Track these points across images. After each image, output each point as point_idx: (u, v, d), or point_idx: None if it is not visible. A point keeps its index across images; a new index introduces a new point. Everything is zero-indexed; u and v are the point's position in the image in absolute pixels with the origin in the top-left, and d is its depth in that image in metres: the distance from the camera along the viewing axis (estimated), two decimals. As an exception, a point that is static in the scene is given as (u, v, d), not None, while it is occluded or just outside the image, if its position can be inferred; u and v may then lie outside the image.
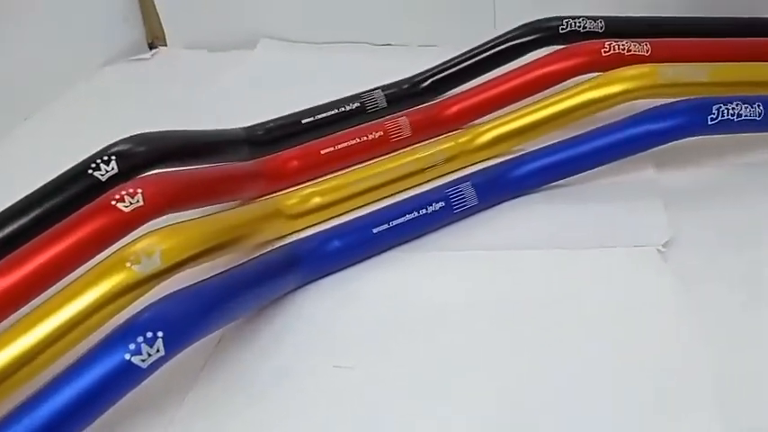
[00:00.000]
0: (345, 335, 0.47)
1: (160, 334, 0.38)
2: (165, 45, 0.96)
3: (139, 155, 0.55)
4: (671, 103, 0.56)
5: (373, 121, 0.69)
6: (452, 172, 0.62)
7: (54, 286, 0.45)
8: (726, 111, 0.54)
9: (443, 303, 0.49)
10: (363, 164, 0.63)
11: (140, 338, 0.37)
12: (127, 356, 0.37)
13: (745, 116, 0.54)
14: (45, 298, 0.43)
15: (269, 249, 0.51)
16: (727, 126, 0.54)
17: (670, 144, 0.56)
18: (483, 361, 0.44)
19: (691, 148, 0.57)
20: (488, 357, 0.44)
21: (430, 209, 0.54)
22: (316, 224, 0.57)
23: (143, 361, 0.37)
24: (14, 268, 0.44)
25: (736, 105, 0.54)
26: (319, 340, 0.47)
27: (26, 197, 0.51)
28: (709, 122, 0.54)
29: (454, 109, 0.69)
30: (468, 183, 0.56)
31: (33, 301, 0.44)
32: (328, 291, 0.51)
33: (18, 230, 0.49)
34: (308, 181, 0.62)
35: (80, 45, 0.90)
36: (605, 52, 0.65)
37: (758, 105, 0.55)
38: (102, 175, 0.52)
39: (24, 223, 0.49)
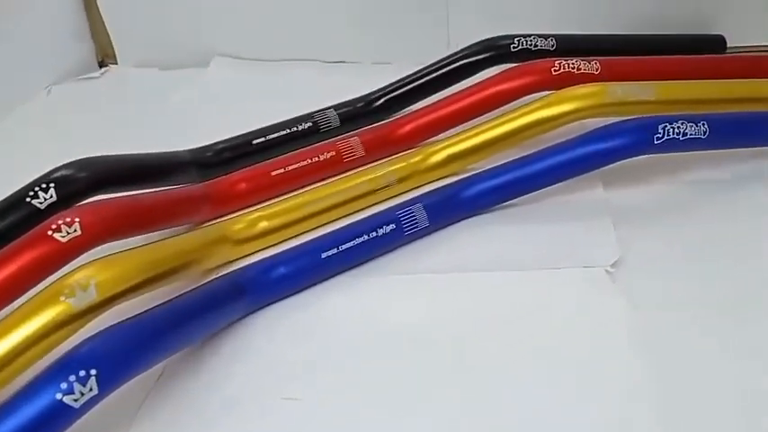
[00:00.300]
0: (293, 365, 0.46)
1: (93, 372, 0.37)
2: (116, 63, 0.94)
3: (79, 181, 0.53)
4: (618, 122, 0.57)
5: (325, 141, 0.68)
6: (405, 192, 0.62)
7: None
8: (671, 130, 0.54)
9: (393, 329, 0.48)
10: (314, 186, 0.62)
11: (72, 377, 0.36)
12: (58, 396, 0.35)
13: (691, 135, 0.55)
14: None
15: (213, 278, 0.50)
16: (672, 145, 0.55)
17: (618, 163, 0.56)
18: (432, 386, 0.44)
19: (639, 166, 0.58)
20: (438, 382, 0.44)
21: (380, 231, 0.54)
22: (263, 249, 0.56)
23: (75, 401, 0.36)
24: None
25: (682, 124, 0.55)
26: (267, 371, 0.46)
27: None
28: (656, 141, 0.55)
29: (407, 128, 0.68)
30: (419, 204, 0.56)
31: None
32: (276, 319, 0.50)
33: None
34: (258, 204, 0.61)
35: (28, 64, 0.88)
36: (555, 71, 0.65)
37: (703, 124, 0.55)
38: (41, 203, 0.51)
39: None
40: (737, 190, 0.59)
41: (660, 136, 0.54)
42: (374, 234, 0.54)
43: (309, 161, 0.65)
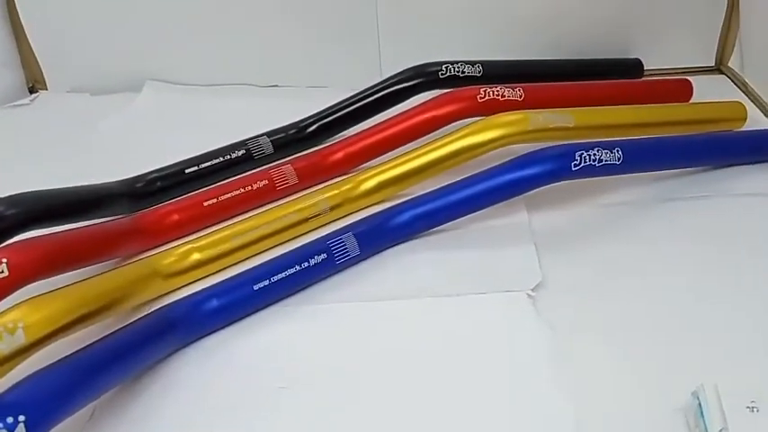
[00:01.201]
0: (224, 401, 0.47)
1: (21, 418, 0.37)
2: (46, 89, 0.93)
3: (8, 218, 0.53)
4: (536, 150, 0.59)
5: (258, 170, 0.69)
6: (337, 220, 0.63)
7: None
8: (587, 157, 0.57)
9: (323, 358, 0.49)
10: (246, 215, 0.63)
11: (0, 425, 0.36)
12: (-16, 446, 0.35)
13: (606, 161, 0.58)
14: None
15: (143, 314, 0.50)
16: (589, 171, 0.58)
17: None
18: (365, 414, 0.45)
19: (559, 190, 0.60)
20: (369, 410, 0.45)
21: (312, 261, 0.55)
22: (195, 281, 0.57)
23: (3, 450, 0.36)
24: None
25: (597, 151, 0.58)
26: (197, 410, 0.46)
27: None
28: (573, 168, 0.57)
29: (339, 155, 0.70)
30: (349, 233, 0.57)
31: None
32: (206, 353, 0.50)
33: None
34: (191, 234, 0.62)
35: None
36: (481, 98, 0.68)
37: (617, 150, 0.58)
38: (-32, 242, 0.50)
39: None
40: (647, 210, 0.63)
41: (577, 163, 0.57)
42: (306, 264, 0.55)
43: (242, 190, 0.66)
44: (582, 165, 0.57)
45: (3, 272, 0.47)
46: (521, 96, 0.69)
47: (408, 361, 0.48)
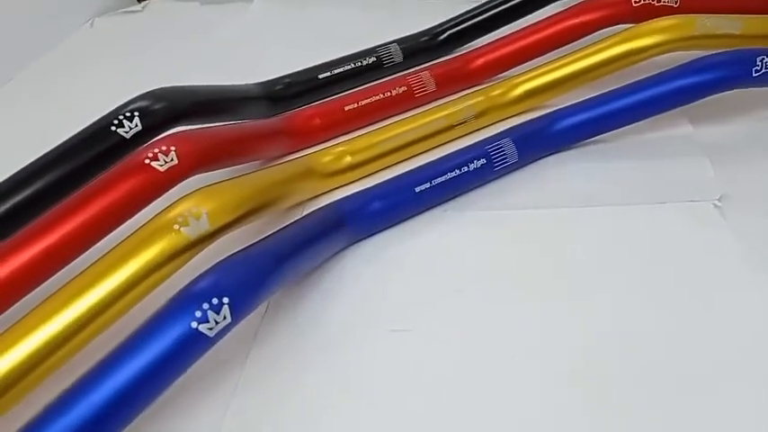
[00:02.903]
0: (399, 300, 0.45)
1: (226, 300, 0.35)
2: (156, -3, 0.91)
3: (163, 111, 0.51)
4: (713, 54, 0.54)
5: (396, 76, 0.66)
6: (482, 128, 0.60)
7: (88, 251, 0.43)
8: (769, 63, 0.53)
9: (498, 265, 0.47)
10: (390, 120, 0.60)
11: (206, 305, 0.35)
12: (194, 325, 0.34)
13: (787, 68, 0.53)
14: (82, 262, 0.40)
15: (315, 209, 0.49)
16: (768, 78, 0.53)
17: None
18: (541, 321, 0.43)
19: (720, 102, 0.56)
20: (547, 317, 0.43)
21: (471, 166, 0.52)
22: (348, 183, 0.55)
23: (210, 329, 0.35)
24: (50, 230, 0.41)
25: (778, 57, 0.53)
26: (370, 308, 0.45)
27: (46, 155, 0.47)
28: (754, 74, 0.53)
29: (479, 62, 0.66)
30: (507, 138, 0.54)
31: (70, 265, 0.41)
32: (373, 253, 0.48)
33: (42, 190, 0.45)
34: (332, 139, 0.60)
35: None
36: (635, 3, 0.63)
37: (800, 57, 0.54)
38: (127, 132, 0.49)
39: (49, 182, 0.46)
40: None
41: (759, 69, 0.53)
42: (465, 169, 0.52)
43: (381, 96, 0.63)
44: (763, 71, 0.53)
45: (173, 160, 0.45)
46: (676, 2, 0.64)
47: (587, 270, 0.46)
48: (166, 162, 0.45)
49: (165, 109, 0.51)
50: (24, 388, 0.36)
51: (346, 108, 0.62)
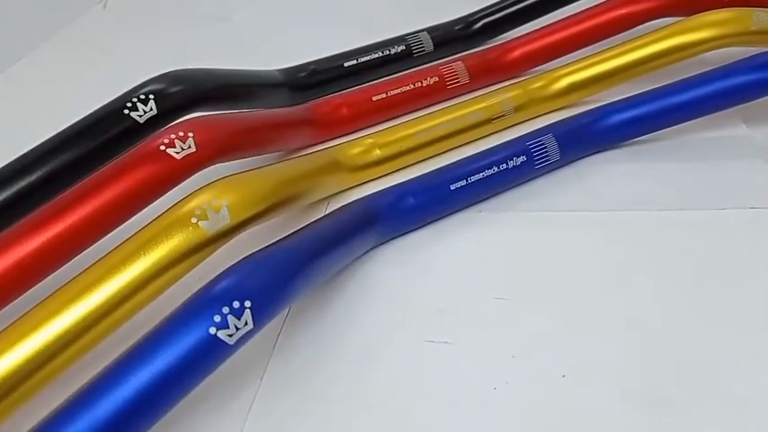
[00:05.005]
0: (431, 305, 0.41)
1: (248, 303, 0.32)
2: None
3: (180, 94, 0.48)
4: (776, 51, 0.50)
5: (427, 66, 0.62)
6: (520, 123, 0.56)
7: (95, 244, 0.39)
8: (838, 60, 0.49)
9: (541, 272, 0.43)
10: (421, 112, 0.56)
11: (226, 309, 0.31)
12: (212, 330, 0.30)
13: None
14: (88, 258, 0.37)
15: (343, 204, 0.45)
16: (837, 77, 0.49)
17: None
18: (592, 336, 0.38)
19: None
20: (599, 331, 0.39)
21: (510, 163, 0.48)
22: (377, 178, 0.51)
23: (230, 336, 0.31)
24: (53, 221, 0.37)
25: None
26: (400, 313, 0.41)
27: (52, 139, 0.44)
28: (822, 73, 0.49)
29: (516, 53, 0.62)
30: (550, 135, 0.50)
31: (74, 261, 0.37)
32: (405, 254, 0.45)
33: (46, 176, 0.42)
34: (359, 131, 0.56)
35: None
36: (684, -6, 0.59)
37: None
38: (140, 116, 0.45)
39: (53, 168, 0.42)
40: None
41: (823, 68, 0.49)
42: (504, 166, 0.48)
43: (412, 86, 0.59)
44: (827, 70, 0.49)
45: (190, 147, 0.41)
46: (727, -6, 0.60)
47: (643, 281, 0.41)
48: (183, 149, 0.41)
49: (183, 92, 0.48)
50: (24, 393, 0.32)
51: (374, 98, 0.58)
